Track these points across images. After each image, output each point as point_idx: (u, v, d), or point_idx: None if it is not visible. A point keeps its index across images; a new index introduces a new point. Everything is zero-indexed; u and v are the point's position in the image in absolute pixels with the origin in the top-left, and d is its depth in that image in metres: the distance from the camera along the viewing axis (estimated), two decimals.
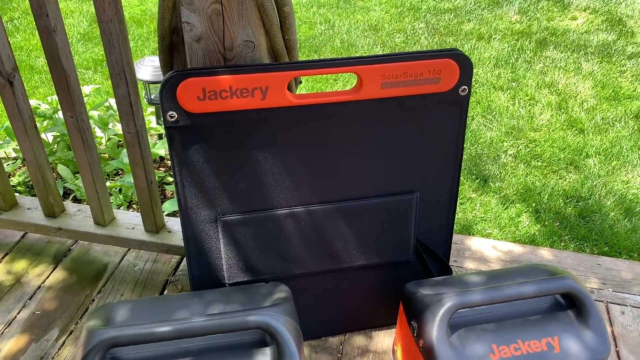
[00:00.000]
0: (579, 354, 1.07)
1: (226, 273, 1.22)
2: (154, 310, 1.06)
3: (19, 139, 1.39)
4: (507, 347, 1.07)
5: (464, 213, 2.24)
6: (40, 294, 1.51)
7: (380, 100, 1.11)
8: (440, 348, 1.05)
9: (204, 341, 1.01)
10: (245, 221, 1.18)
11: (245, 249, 1.20)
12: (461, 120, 1.17)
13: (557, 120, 2.81)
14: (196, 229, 1.17)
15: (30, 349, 1.36)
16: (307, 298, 1.30)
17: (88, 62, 3.26)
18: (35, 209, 1.58)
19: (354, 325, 1.40)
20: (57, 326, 1.42)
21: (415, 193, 1.23)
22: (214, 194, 1.14)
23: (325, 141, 1.14)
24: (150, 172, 1.38)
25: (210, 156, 1.10)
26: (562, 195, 2.32)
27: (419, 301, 1.12)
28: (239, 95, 1.05)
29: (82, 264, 1.60)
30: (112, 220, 1.53)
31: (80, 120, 1.32)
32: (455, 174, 1.23)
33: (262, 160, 1.13)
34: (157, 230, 1.49)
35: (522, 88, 3.09)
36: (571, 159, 2.53)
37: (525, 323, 1.11)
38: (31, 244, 1.65)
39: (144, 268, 1.58)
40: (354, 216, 1.22)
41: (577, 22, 3.85)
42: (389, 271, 1.32)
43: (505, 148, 2.62)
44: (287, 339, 0.96)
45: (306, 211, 1.19)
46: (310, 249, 1.23)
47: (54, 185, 1.50)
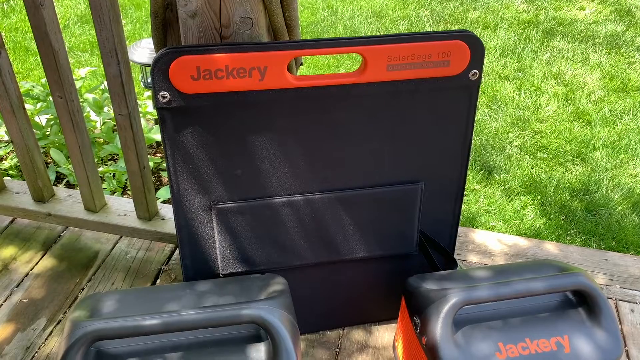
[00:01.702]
0: (590, 354, 1.01)
1: (220, 263, 1.17)
2: (143, 302, 1.00)
3: (6, 119, 1.33)
4: (515, 346, 1.01)
5: (467, 205, 2.18)
6: (28, 281, 1.45)
7: (385, 83, 1.04)
8: (444, 346, 0.99)
9: (195, 335, 0.96)
10: (240, 209, 1.12)
11: (241, 239, 1.15)
12: (471, 107, 1.11)
13: (563, 112, 2.75)
14: (189, 216, 1.12)
15: (15, 338, 1.31)
16: (304, 291, 1.25)
17: (85, 45, 3.19)
18: (24, 194, 1.52)
19: (353, 320, 1.35)
20: (45, 315, 1.36)
21: (420, 183, 1.17)
22: (208, 180, 1.08)
23: (327, 126, 1.08)
24: (143, 157, 1.32)
25: (205, 140, 1.04)
26: (568, 188, 2.26)
27: (423, 296, 1.07)
28: (236, 76, 0.98)
29: (72, 251, 1.54)
30: (104, 207, 1.48)
31: (69, 101, 1.26)
32: (463, 163, 1.17)
33: (259, 145, 1.07)
34: (150, 218, 1.44)
35: (528, 78, 3.02)
36: (578, 151, 2.47)
37: (534, 321, 1.05)
38: (20, 230, 1.60)
39: (136, 256, 1.52)
40: (355, 206, 1.16)
41: (585, 13, 3.77)
42: (391, 264, 1.26)
43: (510, 139, 2.55)
44: (282, 334, 0.91)
45: (305, 200, 1.14)
46: (308, 240, 1.18)
47: (43, 169, 1.44)
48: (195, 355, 0.92)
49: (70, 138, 1.32)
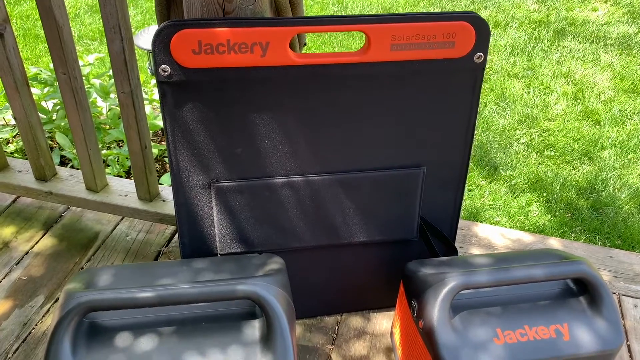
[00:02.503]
0: (590, 343, 1.00)
1: (218, 243, 1.16)
2: (138, 276, 1.00)
3: (9, 96, 1.33)
4: (513, 332, 1.00)
5: (472, 200, 2.16)
6: (28, 259, 1.45)
7: (389, 63, 1.03)
8: (441, 330, 0.98)
9: (189, 310, 0.95)
10: (240, 188, 1.11)
11: (240, 218, 1.14)
12: (475, 91, 1.10)
13: (572, 111, 2.72)
14: (188, 194, 1.11)
15: (13, 314, 1.31)
16: (302, 274, 1.24)
17: (94, 33, 3.20)
18: (26, 172, 1.52)
19: (351, 306, 1.34)
20: (43, 293, 1.36)
21: (422, 167, 1.16)
22: (208, 157, 1.07)
23: (328, 106, 1.07)
24: (145, 136, 1.31)
25: (205, 116, 1.03)
26: (574, 186, 2.24)
27: (421, 280, 1.05)
28: (237, 51, 0.97)
29: (72, 231, 1.54)
30: (105, 187, 1.47)
31: (72, 78, 1.26)
32: (466, 148, 1.16)
33: (259, 123, 1.06)
34: (151, 199, 1.43)
35: (537, 77, 2.99)
36: (585, 150, 2.44)
37: (533, 308, 1.04)
38: (22, 209, 1.60)
39: (136, 238, 1.52)
40: (355, 189, 1.15)
41: (597, 14, 3.74)
42: (391, 250, 1.25)
43: (517, 136, 2.53)
44: (277, 310, 0.90)
45: (305, 181, 1.13)
46: (308, 222, 1.17)
47: (45, 148, 1.44)
48: (189, 330, 0.91)
49: (73, 116, 1.31)
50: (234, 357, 0.88)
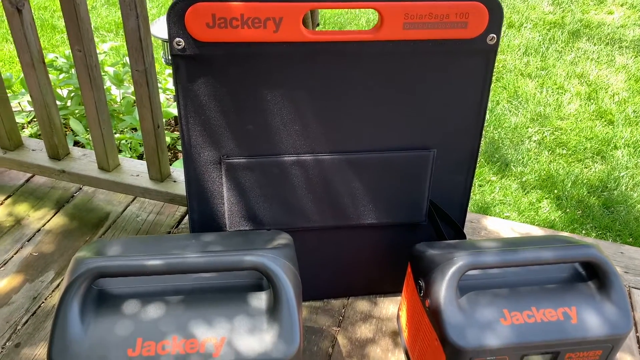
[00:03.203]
0: (598, 326, 0.99)
1: (227, 220, 1.17)
2: (147, 247, 1.01)
3: (26, 73, 1.35)
4: (520, 314, 0.99)
5: (482, 195, 2.16)
6: (40, 236, 1.47)
7: (401, 42, 1.03)
8: (448, 308, 0.98)
9: (197, 281, 0.96)
10: (250, 165, 1.12)
11: (249, 196, 1.14)
12: (487, 73, 1.10)
13: (585, 110, 2.70)
14: (199, 170, 1.12)
15: (24, 288, 1.32)
16: (310, 256, 1.24)
17: (110, 25, 3.23)
18: (40, 151, 1.54)
19: (357, 290, 1.34)
20: (53, 269, 1.38)
21: (432, 150, 1.16)
22: (219, 132, 1.08)
23: (340, 85, 1.07)
24: (158, 115, 1.33)
25: (217, 91, 1.04)
26: (586, 184, 2.22)
27: (429, 260, 1.05)
28: (250, 26, 0.98)
29: (84, 211, 1.55)
30: (117, 167, 1.49)
31: (88, 56, 1.27)
32: (477, 132, 1.16)
33: (271, 100, 1.07)
34: (162, 179, 1.44)
35: (550, 77, 2.98)
36: (598, 149, 2.43)
37: (541, 291, 1.03)
38: (35, 188, 1.62)
39: (146, 219, 1.53)
40: (365, 170, 1.15)
41: (613, 17, 3.71)
42: (399, 233, 1.25)
43: (529, 134, 2.52)
44: (284, 282, 0.90)
45: (314, 160, 1.13)
46: (316, 202, 1.17)
47: (59, 126, 1.46)
48: (196, 300, 0.92)
49: (87, 93, 1.33)
50: (240, 327, 0.88)
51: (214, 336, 0.87)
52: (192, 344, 0.86)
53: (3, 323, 1.24)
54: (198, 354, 0.86)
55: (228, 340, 0.87)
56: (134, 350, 0.86)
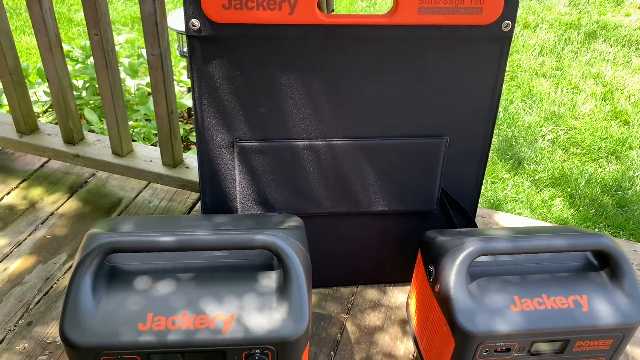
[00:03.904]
0: (609, 315, 0.98)
1: (239, 204, 1.17)
2: (159, 225, 1.02)
3: (43, 57, 1.37)
4: (530, 300, 0.98)
5: (494, 192, 2.15)
6: (53, 220, 1.48)
7: (416, 27, 1.03)
8: (458, 294, 0.97)
9: (208, 259, 0.96)
10: (262, 149, 1.12)
11: (261, 180, 1.15)
12: (501, 60, 1.09)
13: (600, 110, 2.68)
14: (212, 152, 1.12)
15: (37, 269, 1.34)
16: (320, 242, 1.24)
17: (126, 19, 3.26)
18: (55, 136, 1.55)
19: (367, 278, 1.34)
20: (66, 251, 1.39)
21: (445, 137, 1.16)
22: (233, 115, 1.09)
23: (353, 69, 1.07)
24: (172, 101, 1.34)
25: (231, 73, 1.05)
26: (599, 183, 2.20)
27: (439, 245, 1.05)
28: (266, 7, 0.99)
29: (97, 196, 1.57)
30: (130, 152, 1.50)
31: (104, 40, 1.29)
32: (490, 120, 1.15)
33: (284, 83, 1.07)
34: (175, 165, 1.45)
35: (566, 77, 2.96)
36: (613, 149, 2.41)
37: (552, 279, 1.02)
38: (49, 173, 1.63)
39: (158, 205, 1.54)
40: (377, 156, 1.15)
41: (630, 19, 3.68)
42: (409, 221, 1.25)
43: (543, 133, 2.51)
44: (294, 262, 0.90)
45: (327, 145, 1.13)
46: (328, 187, 1.17)
47: (74, 111, 1.48)
48: (207, 278, 0.92)
49: (103, 77, 1.34)
50: (249, 305, 0.89)
51: (224, 313, 0.88)
52: (202, 320, 0.87)
53: (16, 302, 1.25)
54: (208, 330, 0.86)
55: (237, 317, 0.88)
56: (145, 324, 0.86)
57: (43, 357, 1.14)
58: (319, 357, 1.16)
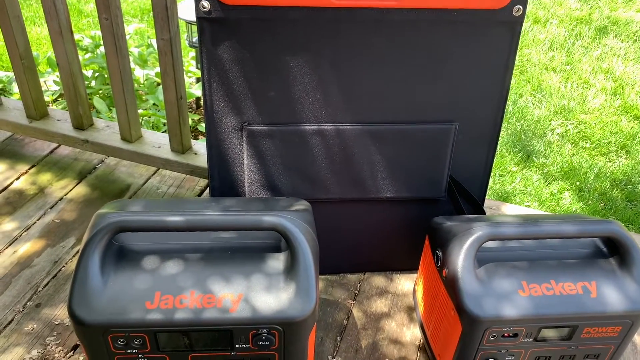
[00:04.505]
0: (618, 302, 0.97)
1: (247, 188, 1.17)
2: (168, 207, 1.02)
3: (54, 41, 1.37)
4: (538, 286, 0.98)
5: (502, 184, 2.14)
6: (62, 205, 1.49)
7: (426, 10, 1.03)
8: (465, 278, 0.97)
9: (216, 240, 0.96)
10: (271, 133, 1.12)
11: (269, 165, 1.15)
12: (512, 45, 1.09)
13: (611, 105, 2.66)
14: (221, 136, 1.13)
15: (45, 252, 1.35)
16: (327, 229, 1.23)
17: (135, 11, 3.27)
18: (65, 121, 1.56)
19: (374, 265, 1.34)
20: (74, 235, 1.40)
21: (454, 123, 1.15)
22: (242, 98, 1.09)
23: (363, 54, 1.07)
24: (181, 86, 1.34)
25: (241, 56, 1.05)
26: (609, 177, 2.19)
27: (447, 231, 1.05)
28: None
29: (105, 182, 1.58)
30: (139, 138, 1.50)
31: (115, 25, 1.29)
32: (500, 106, 1.15)
33: (293, 67, 1.07)
34: (183, 151, 1.46)
35: (576, 72, 2.94)
36: (623, 144, 2.39)
37: (561, 265, 1.02)
38: (58, 159, 1.64)
39: (167, 192, 1.54)
40: (385, 142, 1.15)
41: None
42: (418, 209, 1.24)
43: (552, 127, 2.49)
44: (302, 243, 0.90)
45: (335, 130, 1.13)
46: (335, 173, 1.17)
47: (84, 96, 1.48)
48: (215, 258, 0.92)
49: (113, 62, 1.35)
50: (257, 285, 0.89)
51: (231, 292, 0.88)
52: (210, 299, 0.87)
53: (25, 284, 1.26)
54: (215, 309, 0.86)
55: (245, 296, 0.88)
56: (152, 302, 0.87)
57: (51, 337, 1.15)
58: (325, 341, 1.16)
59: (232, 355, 0.92)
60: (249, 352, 0.91)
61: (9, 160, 1.62)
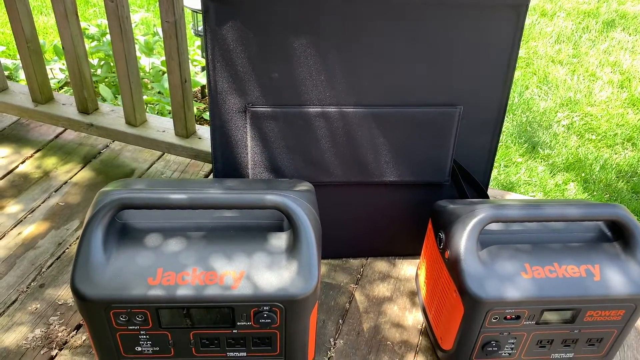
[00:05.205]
0: (622, 285, 0.97)
1: (250, 171, 1.17)
2: (171, 186, 1.02)
3: (59, 24, 1.38)
4: (541, 268, 0.98)
5: (507, 175, 2.13)
6: (66, 188, 1.50)
7: None
8: (468, 259, 0.96)
9: (218, 220, 0.96)
10: (274, 115, 1.12)
11: (272, 147, 1.15)
12: (518, 27, 1.08)
13: (617, 98, 2.65)
14: (224, 117, 1.13)
15: (49, 234, 1.35)
16: (330, 212, 1.23)
17: (142, 1, 3.27)
18: (70, 105, 1.57)
19: (377, 251, 1.33)
20: (78, 218, 1.40)
21: (458, 106, 1.15)
22: (245, 79, 1.09)
23: (368, 36, 1.07)
24: (185, 70, 1.34)
25: (245, 36, 1.05)
26: (615, 169, 2.18)
27: (450, 213, 1.04)
28: None
29: (110, 166, 1.58)
30: (144, 122, 1.51)
31: (120, 6, 1.29)
32: (505, 89, 1.14)
33: (297, 48, 1.07)
34: (188, 135, 1.46)
35: (582, 64, 2.92)
36: (629, 136, 2.38)
37: (565, 249, 1.01)
38: (63, 144, 1.65)
39: (171, 177, 1.55)
40: (389, 125, 1.15)
41: None
42: (421, 193, 1.24)
43: (558, 119, 2.48)
44: (304, 222, 0.90)
45: (339, 112, 1.13)
46: (339, 156, 1.17)
47: (89, 79, 1.49)
48: (217, 236, 0.93)
49: (117, 45, 1.35)
50: (259, 263, 0.89)
51: (233, 270, 0.88)
52: (212, 276, 0.87)
53: (29, 265, 1.27)
54: (217, 286, 0.87)
55: (247, 274, 0.88)
56: (155, 279, 0.87)
57: (54, 317, 1.15)
58: (327, 324, 1.16)
59: (234, 333, 0.92)
60: (250, 330, 0.91)
61: (15, 145, 1.63)
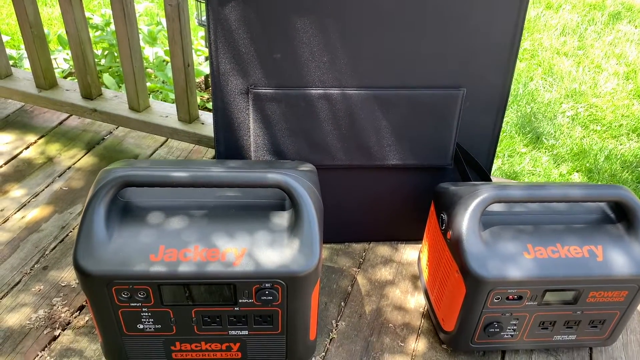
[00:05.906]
0: (624, 266, 0.96)
1: (253, 153, 1.17)
2: (173, 165, 1.02)
3: (63, 9, 1.38)
4: (544, 249, 0.97)
5: (511, 165, 2.12)
6: (70, 173, 1.50)
7: None
8: (470, 239, 0.96)
9: (220, 199, 0.96)
10: (277, 96, 1.12)
11: (275, 129, 1.15)
12: (521, 8, 1.07)
13: (623, 90, 2.63)
14: (227, 99, 1.13)
15: (53, 218, 1.36)
16: (333, 197, 1.23)
17: None
18: (74, 91, 1.57)
19: (379, 235, 1.33)
20: (81, 202, 1.41)
21: (461, 89, 1.14)
22: (248, 60, 1.09)
23: (370, 17, 1.06)
24: (188, 54, 1.34)
25: (247, 16, 1.04)
26: (619, 159, 2.17)
27: (452, 194, 1.04)
28: None
29: (113, 152, 1.58)
30: (147, 108, 1.51)
31: None
32: (508, 71, 1.14)
33: (300, 28, 1.06)
34: (190, 120, 1.46)
35: (588, 56, 2.91)
36: (634, 127, 2.36)
37: (568, 230, 1.01)
38: (67, 130, 1.65)
39: None
40: (392, 107, 1.14)
41: None
42: (423, 177, 1.24)
43: (563, 109, 2.47)
44: (306, 201, 0.90)
45: (341, 94, 1.12)
46: (341, 139, 1.17)
47: (93, 65, 1.49)
48: (219, 215, 0.93)
49: (121, 29, 1.35)
50: (260, 240, 0.89)
51: (235, 247, 0.88)
52: (214, 253, 0.87)
53: (32, 248, 1.27)
54: (219, 262, 0.87)
55: (249, 251, 0.88)
56: (156, 255, 0.87)
57: (57, 298, 1.16)
58: (329, 306, 1.16)
59: (236, 311, 0.92)
60: (252, 308, 0.91)
61: (19, 131, 1.63)
